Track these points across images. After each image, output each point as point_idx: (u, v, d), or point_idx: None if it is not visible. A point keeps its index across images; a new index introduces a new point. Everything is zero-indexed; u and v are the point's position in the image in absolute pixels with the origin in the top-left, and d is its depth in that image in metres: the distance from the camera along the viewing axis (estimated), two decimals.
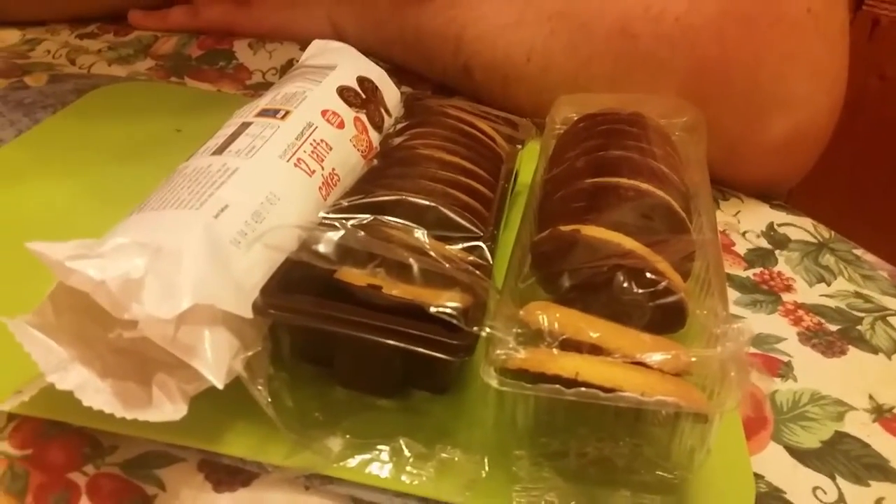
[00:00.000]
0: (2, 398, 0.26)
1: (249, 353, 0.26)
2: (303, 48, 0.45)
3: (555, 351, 0.25)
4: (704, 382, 0.26)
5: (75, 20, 0.63)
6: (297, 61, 0.44)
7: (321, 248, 0.27)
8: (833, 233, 0.46)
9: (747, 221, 0.46)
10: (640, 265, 0.27)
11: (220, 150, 0.32)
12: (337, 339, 0.27)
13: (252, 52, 0.59)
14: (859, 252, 0.44)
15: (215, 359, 0.25)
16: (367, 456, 0.26)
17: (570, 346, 0.25)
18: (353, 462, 0.26)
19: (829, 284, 0.41)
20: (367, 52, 0.44)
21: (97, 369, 0.26)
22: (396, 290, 0.27)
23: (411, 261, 0.26)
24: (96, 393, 0.25)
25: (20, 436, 0.27)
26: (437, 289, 0.27)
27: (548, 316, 0.26)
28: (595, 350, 0.25)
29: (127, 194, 0.31)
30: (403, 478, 0.26)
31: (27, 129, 0.45)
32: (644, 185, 0.32)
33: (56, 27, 0.62)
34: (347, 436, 0.27)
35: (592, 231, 0.29)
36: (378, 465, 0.26)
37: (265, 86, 0.54)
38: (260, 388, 0.26)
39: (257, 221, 0.29)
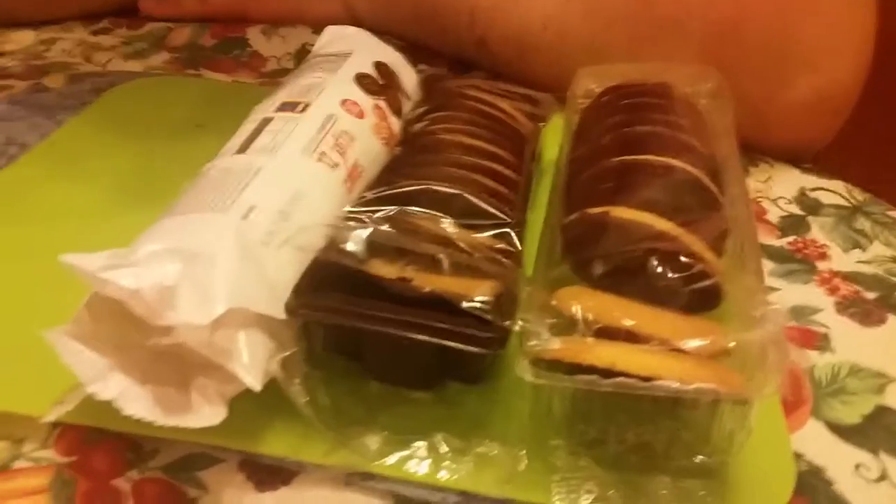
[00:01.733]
0: (45, 408, 0.27)
1: (285, 354, 0.26)
2: (316, 31, 0.44)
3: (589, 340, 0.25)
4: (743, 365, 0.25)
5: (86, 16, 0.62)
6: (311, 45, 0.43)
7: (349, 246, 0.27)
8: (867, 195, 0.45)
9: (778, 188, 0.45)
10: (674, 248, 0.27)
11: (242, 149, 0.32)
12: (369, 335, 0.27)
13: (265, 38, 0.59)
14: (895, 214, 0.43)
15: (251, 361, 0.25)
16: (405, 452, 0.27)
17: (605, 333, 0.25)
18: (391, 459, 0.26)
19: (864, 250, 0.40)
20: (381, 30, 0.43)
21: (136, 376, 0.26)
22: (427, 282, 0.27)
23: (441, 256, 0.26)
24: (136, 401, 0.25)
25: (65, 442, 0.28)
26: (468, 279, 0.27)
27: (581, 304, 0.25)
28: (630, 337, 0.25)
29: (154, 194, 0.31)
30: (442, 473, 0.26)
31: (50, 132, 0.45)
32: (674, 161, 0.31)
33: (69, 25, 0.61)
34: (385, 432, 0.27)
35: (622, 212, 0.29)
36: (416, 462, 0.26)
37: (281, 72, 0.53)
38: (296, 387, 0.26)
39: (284, 220, 0.29)
